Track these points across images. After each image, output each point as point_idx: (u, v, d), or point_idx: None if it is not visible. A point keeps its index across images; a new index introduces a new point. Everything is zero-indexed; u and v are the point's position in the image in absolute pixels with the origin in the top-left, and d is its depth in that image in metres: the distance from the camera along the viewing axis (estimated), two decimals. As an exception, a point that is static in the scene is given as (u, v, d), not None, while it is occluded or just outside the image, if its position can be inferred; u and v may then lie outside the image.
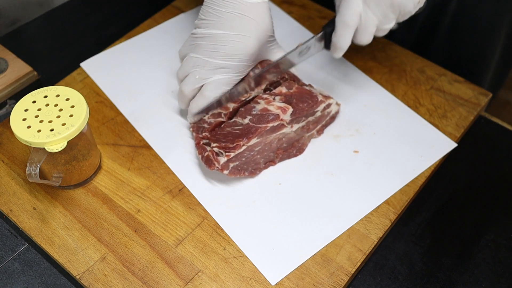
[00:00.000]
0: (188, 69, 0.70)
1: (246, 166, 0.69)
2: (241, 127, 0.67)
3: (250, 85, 0.70)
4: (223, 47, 0.67)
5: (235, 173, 0.68)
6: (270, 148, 0.69)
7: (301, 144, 0.72)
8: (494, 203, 0.71)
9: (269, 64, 0.71)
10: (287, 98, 0.69)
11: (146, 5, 0.95)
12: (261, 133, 0.66)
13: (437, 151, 0.73)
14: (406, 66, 0.84)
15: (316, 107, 0.70)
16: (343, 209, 0.67)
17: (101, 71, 0.82)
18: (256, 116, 0.67)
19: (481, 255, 0.66)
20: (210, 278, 0.62)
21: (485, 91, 0.81)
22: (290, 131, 0.70)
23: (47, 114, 0.62)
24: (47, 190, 0.68)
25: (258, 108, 0.68)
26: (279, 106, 0.68)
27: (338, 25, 0.68)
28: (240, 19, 0.66)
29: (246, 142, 0.66)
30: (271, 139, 0.68)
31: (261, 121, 0.67)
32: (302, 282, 0.62)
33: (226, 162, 0.66)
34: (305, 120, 0.70)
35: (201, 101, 0.69)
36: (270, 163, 0.71)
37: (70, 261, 0.62)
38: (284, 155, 0.71)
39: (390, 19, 0.68)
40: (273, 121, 0.67)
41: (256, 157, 0.69)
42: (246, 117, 0.68)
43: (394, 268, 0.65)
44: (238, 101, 0.70)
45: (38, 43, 0.89)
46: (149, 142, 0.74)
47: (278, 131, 0.68)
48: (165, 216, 0.67)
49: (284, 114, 0.67)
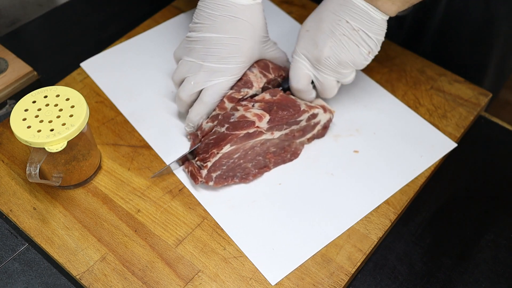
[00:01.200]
0: (184, 73, 0.70)
1: (232, 173, 0.68)
2: (215, 136, 0.67)
3: None
4: (218, 50, 0.67)
5: (221, 182, 0.68)
6: (255, 153, 0.69)
7: (294, 149, 0.72)
8: (494, 203, 0.71)
9: None
10: (268, 105, 0.68)
11: (146, 5, 0.95)
12: (232, 140, 0.65)
13: (437, 151, 0.73)
14: (406, 66, 0.84)
15: (298, 116, 0.69)
16: (343, 209, 0.67)
17: (101, 71, 0.82)
18: (233, 123, 0.67)
19: (481, 255, 0.66)
20: (210, 278, 0.62)
21: (485, 91, 0.81)
22: (272, 138, 0.69)
23: (47, 114, 0.62)
24: (47, 190, 0.68)
25: (236, 115, 0.68)
26: (255, 113, 0.67)
27: (292, 90, 0.72)
28: (233, 22, 0.66)
29: (218, 150, 0.65)
30: (250, 145, 0.67)
31: (236, 128, 0.66)
32: (302, 282, 0.62)
33: (207, 174, 0.66)
34: (288, 128, 0.69)
35: (201, 108, 0.70)
36: (265, 168, 0.70)
37: (70, 261, 0.62)
38: (277, 159, 0.71)
39: (346, 74, 0.70)
40: (248, 128, 0.66)
41: (239, 163, 0.68)
42: (224, 125, 0.67)
43: (394, 268, 0.65)
44: (235, 100, 0.70)
45: (38, 43, 0.89)
46: (149, 142, 0.74)
47: (256, 138, 0.67)
48: (165, 216, 0.67)
49: (260, 121, 0.66)
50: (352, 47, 0.66)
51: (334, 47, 0.66)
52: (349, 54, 0.67)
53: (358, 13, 0.65)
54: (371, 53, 0.67)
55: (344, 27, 0.66)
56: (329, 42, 0.66)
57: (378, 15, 0.64)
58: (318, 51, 0.67)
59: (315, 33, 0.68)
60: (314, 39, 0.68)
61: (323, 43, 0.67)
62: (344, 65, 0.68)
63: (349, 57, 0.67)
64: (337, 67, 0.68)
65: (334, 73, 0.69)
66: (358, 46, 0.66)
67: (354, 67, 0.69)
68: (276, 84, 0.73)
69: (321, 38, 0.67)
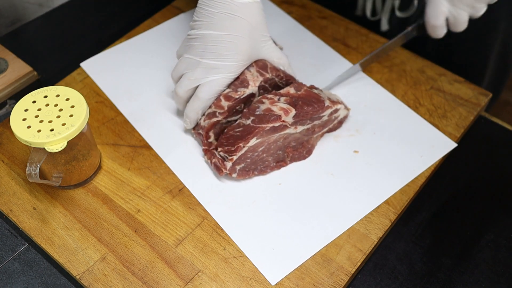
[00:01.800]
0: (182, 70, 0.70)
1: (254, 166, 0.69)
2: (241, 129, 0.67)
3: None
4: (215, 47, 0.67)
5: (244, 174, 0.69)
6: (277, 147, 0.69)
7: (311, 146, 0.72)
8: (494, 203, 0.71)
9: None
10: (293, 100, 0.69)
11: (146, 5, 0.95)
12: (259, 134, 0.66)
13: (437, 151, 0.73)
14: (406, 66, 0.84)
15: (322, 112, 0.70)
16: (343, 209, 0.67)
17: (101, 71, 0.82)
18: (258, 116, 0.67)
19: (481, 255, 0.66)
20: (210, 278, 0.62)
21: (485, 91, 0.80)
22: (295, 132, 0.69)
23: (47, 114, 0.62)
24: (47, 190, 0.68)
25: (262, 108, 0.68)
26: (282, 107, 0.67)
27: (427, 27, 0.76)
28: (231, 19, 0.66)
29: (245, 143, 0.66)
30: (274, 139, 0.68)
31: (262, 121, 0.67)
32: (302, 282, 0.62)
33: (232, 166, 0.67)
34: (311, 123, 0.70)
35: (197, 103, 0.70)
36: (282, 163, 0.71)
37: (70, 261, 0.62)
38: (294, 154, 0.71)
39: (480, 8, 0.73)
40: (274, 121, 0.67)
41: (262, 157, 0.69)
42: (249, 118, 0.68)
43: (394, 268, 0.65)
44: (232, 99, 0.70)
45: (38, 43, 0.89)
46: (149, 142, 0.74)
47: (281, 132, 0.68)
48: (165, 216, 0.67)
49: (286, 115, 0.67)
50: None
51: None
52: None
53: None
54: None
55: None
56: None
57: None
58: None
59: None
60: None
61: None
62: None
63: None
64: (474, 1, 0.72)
65: (469, 8, 0.73)
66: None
67: (489, 1, 0.72)
68: (273, 83, 0.73)
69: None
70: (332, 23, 0.89)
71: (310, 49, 0.86)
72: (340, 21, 0.90)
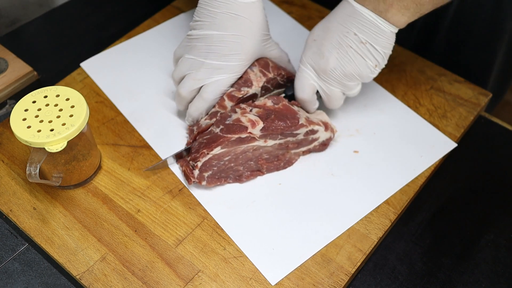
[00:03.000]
0: (184, 71, 0.70)
1: (224, 174, 0.68)
2: (209, 136, 0.67)
3: None
4: (219, 47, 0.67)
5: (214, 181, 0.68)
6: (246, 157, 0.68)
7: (288, 159, 0.71)
8: (494, 203, 0.71)
9: None
10: (266, 113, 0.68)
11: (146, 5, 0.95)
12: (223, 143, 0.65)
13: (437, 151, 0.73)
14: (406, 66, 0.84)
15: (296, 129, 0.68)
16: (343, 209, 0.67)
17: (101, 71, 0.82)
18: (227, 126, 0.67)
19: (481, 255, 0.66)
20: (210, 278, 0.62)
21: (485, 91, 0.80)
22: (265, 145, 0.68)
23: (47, 114, 0.62)
24: (47, 190, 0.68)
25: (232, 118, 0.67)
26: (250, 119, 0.66)
27: (297, 99, 0.72)
28: (234, 19, 0.66)
29: (208, 150, 0.65)
30: (242, 149, 0.67)
31: (229, 131, 0.66)
32: (302, 282, 0.62)
33: (199, 174, 0.67)
34: (283, 138, 0.69)
35: (201, 103, 0.70)
36: (258, 172, 0.70)
37: (70, 261, 0.62)
38: (270, 166, 0.70)
39: (352, 86, 0.69)
40: (240, 132, 0.66)
41: (230, 166, 0.68)
42: (219, 126, 0.67)
43: (394, 268, 0.65)
44: (235, 98, 0.70)
45: (38, 43, 0.89)
46: (149, 142, 0.74)
47: (248, 143, 0.67)
48: (165, 216, 0.67)
49: (253, 128, 0.66)
50: (359, 59, 0.66)
51: (340, 59, 0.66)
52: (355, 67, 0.66)
53: (366, 25, 0.64)
54: (377, 66, 0.67)
55: (352, 39, 0.65)
56: (335, 54, 0.66)
57: (387, 27, 0.64)
58: (324, 62, 0.67)
59: (322, 43, 0.67)
60: (320, 49, 0.67)
61: (329, 54, 0.67)
62: (350, 77, 0.67)
63: (355, 69, 0.66)
64: (342, 78, 0.68)
65: (340, 85, 0.69)
66: (364, 59, 0.66)
67: (360, 80, 0.68)
68: (276, 83, 0.73)
69: (327, 49, 0.67)
70: (332, 23, 0.89)
71: (310, 49, 0.86)
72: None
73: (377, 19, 0.64)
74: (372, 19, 0.64)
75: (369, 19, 0.64)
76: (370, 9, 0.64)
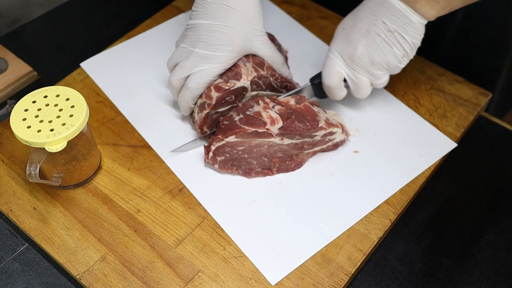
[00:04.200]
0: (176, 59, 0.71)
1: (237, 163, 0.69)
2: (228, 123, 0.68)
3: None
4: (207, 37, 0.68)
5: (226, 168, 0.69)
6: (261, 152, 0.69)
7: (300, 160, 0.71)
8: (494, 203, 0.71)
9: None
10: (287, 111, 0.68)
11: (146, 5, 0.95)
12: (239, 134, 0.66)
13: (437, 151, 0.73)
14: (406, 66, 0.83)
15: (314, 131, 0.68)
16: (343, 209, 0.67)
17: (101, 71, 0.82)
18: (247, 117, 0.67)
19: (481, 255, 0.66)
20: (210, 278, 0.62)
21: (485, 91, 0.80)
22: (281, 143, 0.68)
23: (47, 114, 0.62)
24: (47, 190, 0.68)
25: (254, 110, 0.68)
26: (271, 116, 0.67)
27: (323, 87, 0.72)
28: (225, 10, 0.67)
29: (223, 137, 0.66)
30: (257, 143, 0.68)
31: (247, 123, 0.66)
32: (302, 282, 0.62)
33: (213, 156, 0.68)
34: (300, 139, 0.69)
35: (186, 93, 0.70)
36: (268, 171, 0.70)
37: (70, 261, 0.62)
38: (281, 165, 0.70)
39: (380, 75, 0.69)
40: (258, 126, 0.66)
41: (243, 157, 0.69)
42: (239, 114, 0.68)
43: (394, 268, 0.65)
44: (221, 90, 0.70)
45: (38, 43, 0.89)
46: (149, 142, 0.74)
47: (265, 138, 0.67)
48: (165, 216, 0.67)
49: (272, 125, 0.66)
50: (386, 48, 0.66)
51: (367, 46, 0.67)
52: (383, 55, 0.66)
53: (395, 15, 0.64)
54: (405, 56, 0.67)
55: (380, 27, 0.65)
56: (363, 41, 0.67)
57: (416, 18, 0.64)
58: (352, 49, 0.68)
59: (351, 31, 0.68)
60: (349, 37, 0.68)
61: (357, 41, 0.67)
62: (377, 65, 0.68)
63: (382, 57, 0.67)
64: (370, 66, 0.68)
65: (367, 73, 0.69)
66: (392, 47, 0.66)
67: (388, 69, 0.69)
68: (267, 82, 0.73)
69: (355, 36, 0.67)
70: (332, 23, 0.89)
71: (310, 49, 0.86)
72: (340, 21, 0.89)
73: (406, 9, 0.64)
74: (401, 9, 0.64)
75: (398, 9, 0.64)
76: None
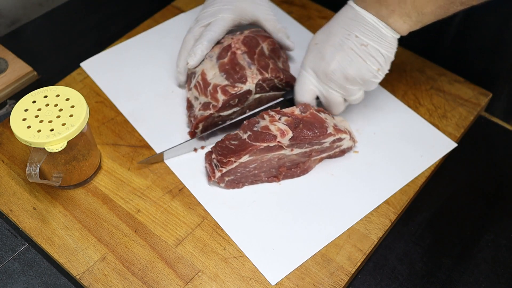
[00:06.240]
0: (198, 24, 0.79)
1: (244, 179, 0.68)
2: (237, 143, 0.67)
3: None
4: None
5: (232, 186, 0.68)
6: (270, 165, 0.68)
7: (307, 167, 0.71)
8: (494, 203, 0.71)
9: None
10: (294, 121, 0.67)
11: (146, 5, 0.95)
12: (252, 151, 0.65)
13: (437, 151, 0.73)
14: (406, 66, 0.84)
15: (323, 138, 0.67)
16: (343, 209, 0.67)
17: (101, 71, 0.82)
18: (255, 133, 0.66)
19: (481, 255, 0.66)
20: (210, 278, 0.62)
21: (485, 91, 0.80)
22: (291, 154, 0.68)
23: (47, 114, 0.62)
24: (47, 190, 0.68)
25: (261, 125, 0.67)
26: (279, 128, 0.66)
27: (296, 104, 0.72)
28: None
29: (237, 158, 0.65)
30: (268, 157, 0.67)
31: (257, 139, 0.65)
32: (302, 282, 0.62)
33: (220, 177, 0.67)
34: (309, 147, 0.68)
35: (204, 35, 0.75)
36: (274, 178, 0.70)
37: (70, 261, 0.62)
38: (288, 173, 0.70)
39: (353, 91, 0.68)
40: (269, 141, 0.65)
41: (253, 172, 0.68)
42: (246, 132, 0.67)
43: (394, 268, 0.65)
44: (228, 93, 0.70)
45: (38, 43, 0.89)
46: (149, 142, 0.74)
47: (276, 152, 0.67)
48: (165, 216, 0.67)
49: (282, 137, 0.65)
50: (360, 62, 0.65)
51: (341, 61, 0.65)
52: (357, 69, 0.65)
53: (368, 29, 0.64)
54: (380, 70, 0.66)
55: (353, 41, 0.65)
56: (337, 56, 0.66)
57: (389, 32, 0.64)
58: (325, 64, 0.67)
59: (324, 45, 0.67)
60: (321, 52, 0.67)
61: (330, 56, 0.66)
62: (351, 80, 0.66)
63: (356, 71, 0.65)
64: (344, 81, 0.67)
65: (341, 89, 0.68)
66: (366, 61, 0.65)
67: (363, 84, 0.67)
68: (272, 84, 0.73)
69: (329, 51, 0.66)
70: (332, 23, 0.89)
71: (310, 49, 0.86)
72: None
73: (379, 23, 0.63)
74: (374, 23, 0.63)
75: (371, 23, 0.64)
76: (372, 13, 0.63)
